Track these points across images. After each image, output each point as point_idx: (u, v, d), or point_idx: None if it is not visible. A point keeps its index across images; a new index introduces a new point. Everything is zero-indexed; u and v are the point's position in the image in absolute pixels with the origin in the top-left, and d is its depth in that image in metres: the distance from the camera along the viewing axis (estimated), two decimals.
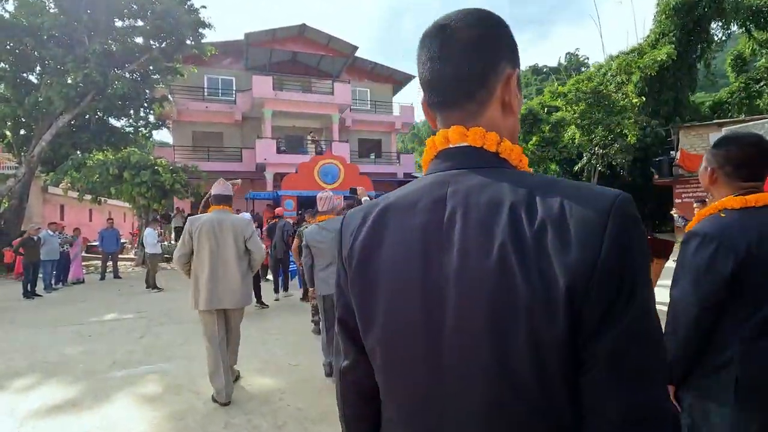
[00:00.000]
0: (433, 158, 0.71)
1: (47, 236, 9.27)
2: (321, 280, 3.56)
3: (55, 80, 13.35)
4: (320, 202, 3.80)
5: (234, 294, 3.28)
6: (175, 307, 7.03)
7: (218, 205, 3.44)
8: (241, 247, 3.35)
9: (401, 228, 0.64)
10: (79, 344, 4.92)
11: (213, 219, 3.30)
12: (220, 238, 3.26)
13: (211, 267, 3.21)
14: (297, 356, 4.29)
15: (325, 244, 3.55)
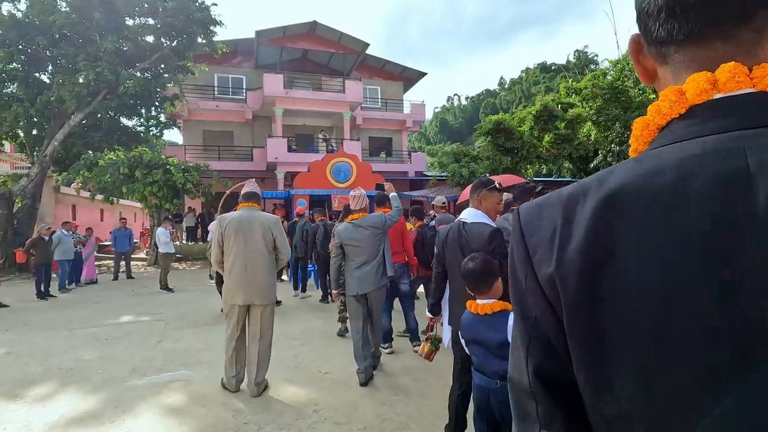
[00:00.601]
0: (681, 117, 0.45)
1: (62, 236, 9.13)
2: (355, 279, 3.48)
3: (67, 79, 13.25)
4: (354, 200, 3.68)
5: (262, 290, 3.33)
6: (190, 309, 6.82)
7: (247, 202, 3.48)
8: (269, 243, 3.37)
9: (663, 225, 0.39)
10: (95, 349, 4.71)
11: (242, 216, 3.36)
12: (249, 234, 3.30)
13: (241, 263, 3.27)
14: (326, 363, 4.04)
15: (362, 241, 3.50)
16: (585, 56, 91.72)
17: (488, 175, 18.39)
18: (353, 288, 3.52)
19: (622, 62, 19.16)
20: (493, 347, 1.88)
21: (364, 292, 3.50)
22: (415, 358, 4.05)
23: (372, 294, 3.54)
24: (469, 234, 2.32)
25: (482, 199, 2.41)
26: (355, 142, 19.63)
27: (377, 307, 3.67)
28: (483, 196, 2.42)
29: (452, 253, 2.38)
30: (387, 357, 4.18)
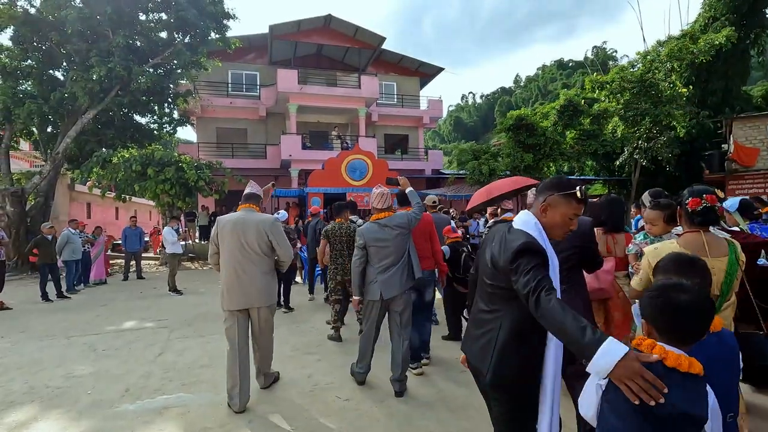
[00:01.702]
0: None
1: (69, 235, 8.81)
2: (380, 283, 3.24)
3: (80, 75, 13.03)
4: (379, 199, 3.38)
5: (256, 292, 3.20)
6: (198, 315, 6.37)
7: (245, 203, 3.39)
8: (264, 245, 3.24)
9: None
10: (90, 361, 4.27)
11: (237, 218, 3.26)
12: (243, 236, 3.19)
13: (234, 266, 3.18)
14: (346, 386, 3.51)
15: (389, 242, 3.27)
16: (604, 52, 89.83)
17: (508, 173, 17.71)
18: (376, 292, 3.25)
19: (652, 53, 18.22)
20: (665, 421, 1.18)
21: (390, 296, 3.25)
22: (454, 384, 3.49)
23: (398, 299, 3.29)
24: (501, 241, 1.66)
25: (550, 206, 1.68)
26: (371, 139, 19.10)
27: (407, 313, 3.36)
28: (552, 203, 1.68)
29: (481, 259, 1.78)
30: (417, 381, 3.62)
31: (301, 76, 18.67)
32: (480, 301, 1.73)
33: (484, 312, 1.69)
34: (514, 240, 1.58)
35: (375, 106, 20.92)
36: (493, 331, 1.63)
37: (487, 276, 1.67)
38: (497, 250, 1.63)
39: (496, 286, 1.63)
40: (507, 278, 1.54)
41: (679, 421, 1.16)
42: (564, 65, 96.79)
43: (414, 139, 23.11)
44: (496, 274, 1.62)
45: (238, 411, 3.05)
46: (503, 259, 1.57)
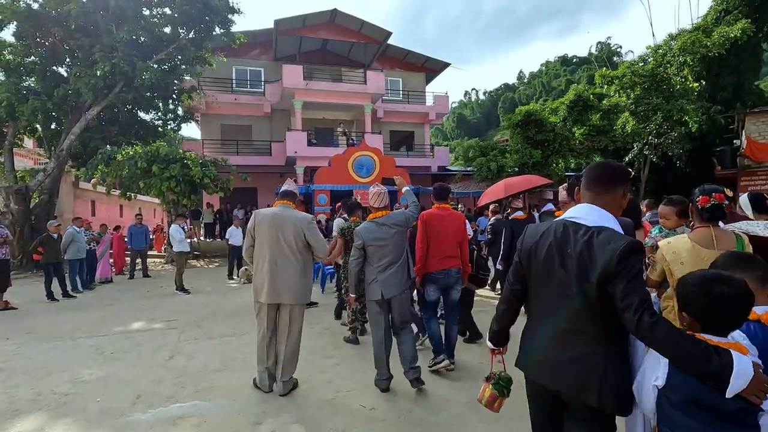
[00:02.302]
0: None
1: (74, 233, 8.64)
2: (380, 283, 3.25)
3: (84, 71, 12.86)
4: (376, 198, 3.40)
5: (291, 290, 3.23)
6: (207, 315, 6.19)
7: (282, 200, 3.44)
8: (301, 243, 3.28)
9: None
10: (98, 365, 4.09)
11: (275, 213, 3.30)
12: (280, 232, 3.23)
13: (270, 261, 3.21)
14: (369, 393, 3.31)
15: (387, 241, 3.28)
16: (608, 48, 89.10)
17: (516, 170, 17.46)
18: (376, 292, 3.26)
19: (664, 47, 17.88)
20: (726, 413, 1.23)
21: (391, 295, 3.26)
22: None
23: (396, 299, 3.29)
24: (587, 243, 1.44)
25: (624, 198, 1.57)
26: (377, 136, 18.89)
27: (402, 313, 3.37)
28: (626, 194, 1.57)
29: (545, 266, 1.56)
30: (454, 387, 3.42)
31: (306, 72, 18.44)
32: (558, 322, 1.51)
33: (569, 337, 1.48)
34: (614, 240, 1.39)
35: (380, 102, 20.68)
36: (593, 355, 1.43)
37: (572, 287, 1.45)
38: (589, 256, 1.41)
39: (580, 302, 1.44)
40: (600, 288, 1.37)
41: (741, 409, 1.22)
42: (568, 61, 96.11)
43: (420, 136, 22.86)
44: (585, 285, 1.41)
45: (267, 391, 3.28)
46: (601, 264, 1.37)
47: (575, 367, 1.45)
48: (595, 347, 1.44)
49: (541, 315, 1.59)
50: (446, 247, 3.66)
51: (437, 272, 3.64)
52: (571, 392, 1.47)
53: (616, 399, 1.40)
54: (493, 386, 1.86)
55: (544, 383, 1.55)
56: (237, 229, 10.39)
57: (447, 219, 3.71)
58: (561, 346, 1.50)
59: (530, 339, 1.63)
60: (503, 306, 1.76)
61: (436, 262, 3.64)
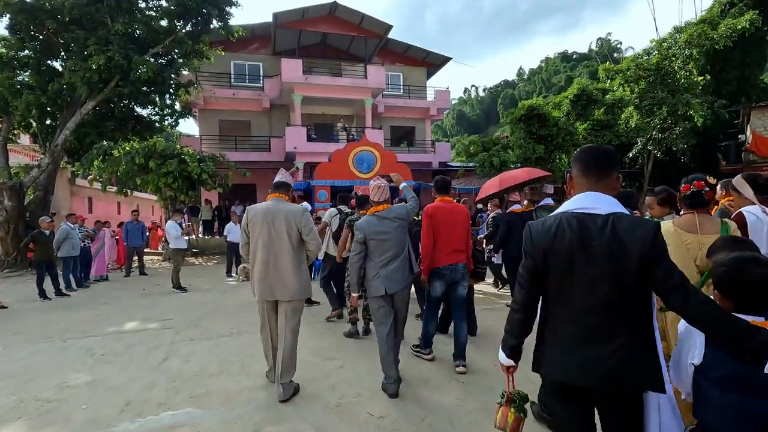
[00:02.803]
0: None
1: (68, 229, 8.39)
2: (383, 278, 3.16)
3: (78, 65, 12.57)
4: (375, 191, 3.32)
5: (286, 286, 3.12)
6: (204, 315, 5.96)
7: (275, 193, 3.29)
8: (295, 237, 3.15)
9: None
10: (87, 368, 3.86)
11: (267, 208, 3.17)
12: (273, 226, 3.11)
13: (264, 257, 3.11)
14: (376, 398, 3.08)
15: (389, 235, 3.19)
16: (608, 44, 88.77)
17: (519, 165, 17.21)
18: (379, 288, 3.16)
19: (669, 40, 17.59)
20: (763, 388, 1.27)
21: (394, 291, 3.18)
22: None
23: (399, 294, 3.24)
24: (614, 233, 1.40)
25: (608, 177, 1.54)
26: (377, 131, 18.61)
27: (404, 309, 3.37)
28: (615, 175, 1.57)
29: (568, 265, 1.46)
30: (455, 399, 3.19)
31: (305, 66, 18.16)
32: (588, 316, 1.44)
33: (603, 329, 1.43)
34: (640, 224, 1.41)
35: (381, 97, 20.41)
36: (629, 344, 1.40)
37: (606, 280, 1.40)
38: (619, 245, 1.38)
39: (616, 291, 1.39)
40: (638, 275, 1.36)
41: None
42: (568, 57, 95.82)
43: (421, 131, 22.59)
44: (621, 275, 1.38)
45: (274, 381, 3.21)
46: (637, 251, 1.36)
47: (617, 357, 1.40)
48: (631, 335, 1.41)
49: (565, 315, 1.49)
50: (454, 241, 3.58)
51: (444, 267, 3.55)
52: (614, 384, 1.42)
53: (656, 380, 1.39)
54: (516, 410, 1.70)
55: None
56: (235, 225, 10.18)
57: (453, 212, 3.63)
58: (597, 342, 1.43)
59: (558, 342, 1.51)
60: (521, 315, 1.59)
61: (444, 256, 3.55)
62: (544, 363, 1.54)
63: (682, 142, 16.27)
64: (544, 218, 1.57)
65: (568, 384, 1.48)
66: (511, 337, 1.62)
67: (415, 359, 3.85)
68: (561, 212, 1.53)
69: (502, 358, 1.66)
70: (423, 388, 3.25)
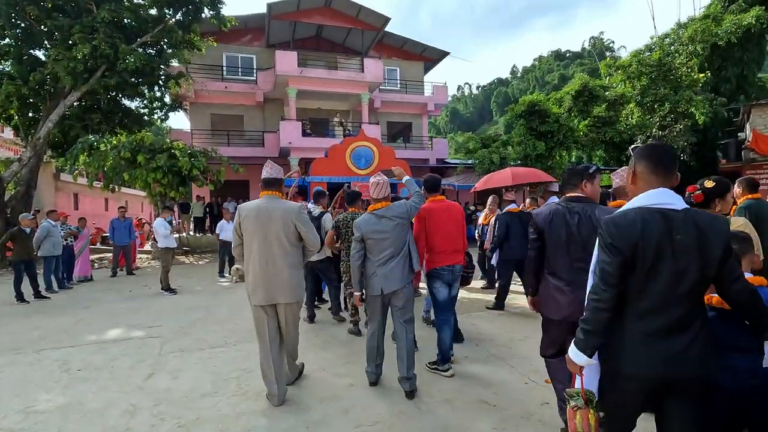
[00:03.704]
0: None
1: (49, 227, 7.83)
2: (380, 277, 3.10)
3: (62, 54, 11.93)
4: (374, 188, 3.21)
5: (285, 288, 3.00)
6: (196, 321, 5.48)
7: (267, 190, 3.11)
8: (292, 236, 3.04)
9: None
10: (60, 388, 3.38)
11: (261, 206, 3.01)
12: (267, 227, 2.97)
13: (259, 259, 2.97)
14: (398, 428, 2.65)
15: (387, 234, 3.13)
16: (601, 43, 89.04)
17: (519, 162, 16.89)
18: (377, 287, 3.11)
19: (672, 36, 17.35)
20: None
21: (392, 290, 3.11)
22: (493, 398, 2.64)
23: (399, 294, 3.14)
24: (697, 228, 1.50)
25: None
26: (374, 126, 18.13)
27: (409, 308, 3.21)
28: None
29: (657, 258, 1.50)
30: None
31: (300, 59, 17.61)
32: (672, 308, 1.50)
33: (684, 319, 1.51)
34: (715, 220, 1.53)
35: (377, 92, 19.93)
36: (701, 332, 1.51)
37: (695, 272, 1.48)
38: (704, 239, 1.48)
39: (699, 282, 1.50)
40: (719, 266, 1.49)
41: None
42: (561, 56, 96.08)
43: (417, 127, 22.16)
44: (706, 267, 1.49)
45: (278, 405, 2.98)
46: (720, 245, 1.49)
47: (696, 347, 1.48)
48: (703, 323, 1.52)
49: (649, 308, 1.52)
50: (453, 241, 3.55)
51: (443, 268, 3.50)
52: (692, 371, 1.49)
53: (718, 366, 1.53)
54: (594, 410, 1.63)
55: (659, 375, 1.49)
56: (228, 223, 9.68)
57: (447, 212, 3.59)
58: (679, 331, 1.50)
59: (639, 336, 1.53)
60: (609, 313, 1.56)
61: (445, 256, 3.51)
62: (624, 359, 1.54)
63: (683, 139, 16.03)
64: (623, 212, 1.57)
65: (654, 377, 1.51)
66: (597, 337, 1.58)
67: (433, 376, 3.43)
68: (637, 207, 1.56)
69: (581, 359, 1.60)
70: (444, 407, 2.84)
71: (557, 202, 2.46)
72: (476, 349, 4.09)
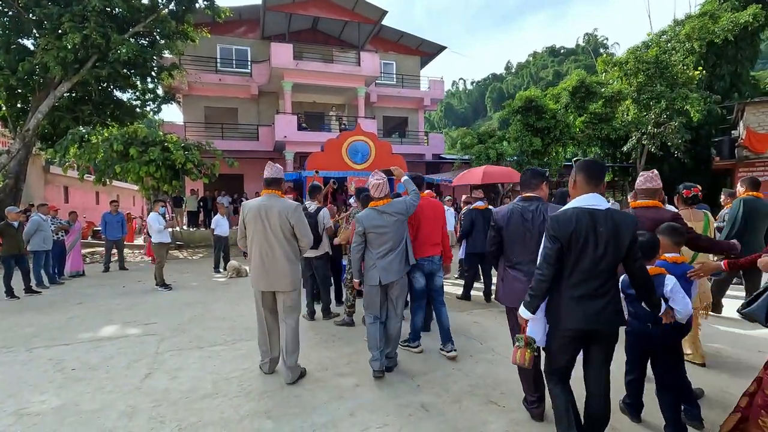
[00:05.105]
0: None
1: (39, 221, 7.65)
2: (379, 269, 3.34)
3: (52, 43, 11.62)
4: (374, 188, 3.42)
5: (283, 278, 3.30)
6: (193, 318, 5.37)
7: (267, 188, 3.41)
8: (288, 231, 3.32)
9: None
10: (55, 388, 3.27)
11: (261, 204, 3.32)
12: (267, 222, 3.27)
13: (260, 252, 3.28)
14: (407, 430, 2.58)
15: (387, 228, 3.37)
16: (595, 39, 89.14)
17: (516, 158, 16.85)
18: (375, 278, 3.34)
19: (669, 33, 17.34)
20: None
21: (389, 281, 3.36)
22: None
23: (395, 284, 3.41)
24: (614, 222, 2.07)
25: None
26: (370, 121, 17.97)
27: (403, 298, 3.53)
28: None
29: (584, 245, 2.07)
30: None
31: (296, 52, 17.37)
32: (594, 280, 2.06)
33: (602, 287, 2.06)
34: (625, 215, 2.09)
35: (374, 86, 19.75)
36: (614, 296, 2.10)
37: (611, 254, 2.04)
38: (618, 230, 2.04)
39: (613, 261, 2.05)
40: (627, 250, 2.05)
41: None
42: (555, 52, 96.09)
43: (414, 122, 22.03)
44: (618, 250, 2.04)
45: (268, 373, 3.42)
46: (628, 234, 2.04)
47: (610, 307, 2.07)
48: (614, 289, 2.11)
49: (576, 281, 2.08)
50: (434, 234, 3.90)
51: (423, 259, 3.80)
52: (607, 325, 2.09)
53: (623, 320, 2.14)
54: (530, 350, 2.21)
55: (586, 327, 2.07)
56: (222, 218, 9.55)
57: (432, 207, 3.95)
58: (599, 296, 2.07)
59: (571, 301, 2.09)
60: (547, 284, 2.12)
61: (427, 248, 3.82)
62: (562, 317, 2.12)
63: (677, 136, 16.08)
64: (563, 211, 2.11)
65: (582, 329, 2.09)
66: (538, 300, 2.15)
67: None
68: (573, 207, 2.09)
69: (525, 313, 2.19)
70: (453, 408, 2.77)
71: (514, 201, 2.77)
72: (481, 348, 4.03)
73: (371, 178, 3.50)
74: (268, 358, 3.42)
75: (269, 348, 3.42)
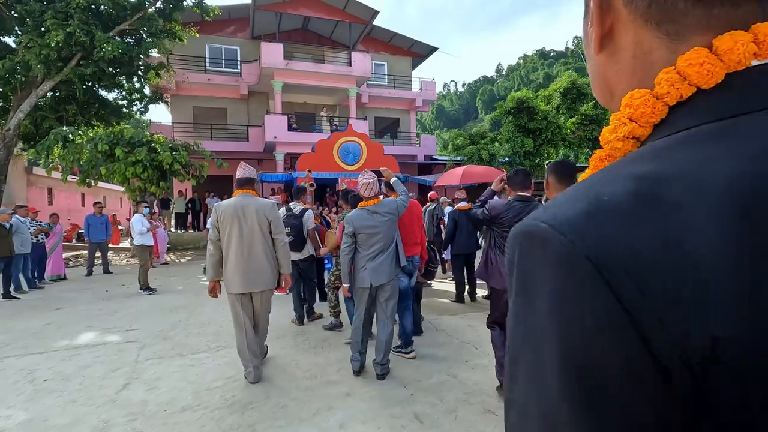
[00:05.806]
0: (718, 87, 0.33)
1: (18, 223, 7.38)
2: (369, 271, 3.27)
3: (34, 40, 11.31)
4: (364, 188, 3.37)
5: (260, 277, 3.32)
6: (177, 323, 5.16)
7: (241, 188, 3.43)
8: (266, 228, 3.36)
9: None
10: (23, 401, 3.06)
11: (236, 203, 3.31)
12: (243, 221, 3.27)
13: (237, 251, 3.26)
14: None
15: (378, 229, 3.31)
16: None
17: (508, 159, 16.83)
18: (366, 280, 3.27)
19: None
20: None
21: (380, 283, 3.28)
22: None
23: (386, 286, 3.34)
24: None
25: None
26: (362, 122, 17.80)
27: (393, 300, 3.42)
28: None
29: None
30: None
31: (286, 51, 17.16)
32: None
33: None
34: None
35: (365, 86, 19.61)
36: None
37: None
38: None
39: None
40: None
41: None
42: (545, 55, 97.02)
43: (405, 123, 21.92)
44: None
45: (253, 382, 3.27)
46: None
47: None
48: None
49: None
50: (413, 235, 3.98)
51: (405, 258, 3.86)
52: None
53: None
54: None
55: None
56: None
57: (411, 209, 3.95)
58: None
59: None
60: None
61: (407, 248, 3.82)
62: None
63: None
64: None
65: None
66: None
67: None
68: None
69: None
70: (448, 419, 2.62)
71: (511, 199, 2.93)
72: (476, 353, 3.90)
73: (361, 177, 3.45)
74: (252, 366, 3.30)
75: (251, 358, 3.32)
